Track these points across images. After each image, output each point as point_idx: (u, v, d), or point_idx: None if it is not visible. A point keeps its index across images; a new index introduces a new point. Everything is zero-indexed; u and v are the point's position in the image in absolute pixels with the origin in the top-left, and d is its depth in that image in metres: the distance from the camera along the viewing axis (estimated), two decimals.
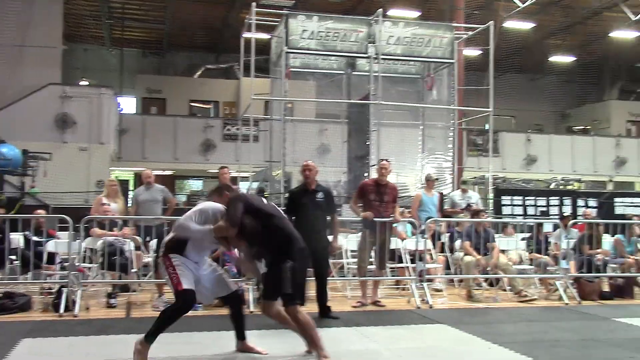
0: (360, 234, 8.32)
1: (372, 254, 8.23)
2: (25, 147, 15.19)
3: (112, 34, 24.08)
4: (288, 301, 5.16)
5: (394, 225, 8.45)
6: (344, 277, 9.07)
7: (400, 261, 8.88)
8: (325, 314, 7.15)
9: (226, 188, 5.53)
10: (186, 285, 4.97)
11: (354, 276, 8.71)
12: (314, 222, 7.13)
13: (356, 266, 8.41)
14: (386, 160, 8.33)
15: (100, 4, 20.83)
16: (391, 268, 8.91)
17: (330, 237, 7.37)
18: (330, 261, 8.58)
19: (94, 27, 23.44)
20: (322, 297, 7.22)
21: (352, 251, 9.06)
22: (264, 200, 5.65)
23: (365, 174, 12.38)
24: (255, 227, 5.09)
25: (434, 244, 9.34)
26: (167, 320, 4.97)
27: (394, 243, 8.70)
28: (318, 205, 7.19)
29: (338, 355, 5.53)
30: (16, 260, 8.02)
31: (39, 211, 9.47)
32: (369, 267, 8.24)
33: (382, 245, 8.09)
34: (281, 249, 5.19)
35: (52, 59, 18.70)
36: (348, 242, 9.06)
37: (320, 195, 7.24)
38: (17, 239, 8.30)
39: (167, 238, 5.33)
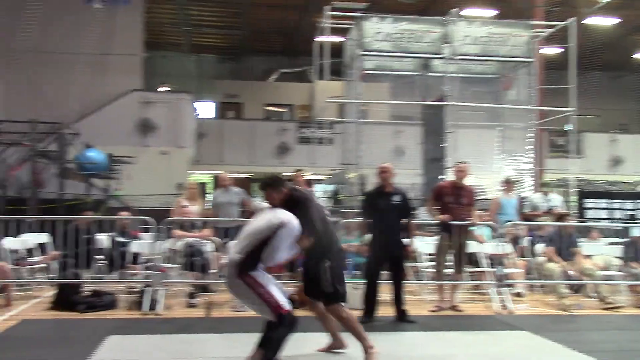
0: (436, 237, 8.19)
1: (450, 257, 8.09)
2: (110, 152, 15.81)
3: (190, 41, 24.74)
4: (330, 300, 5.22)
5: (472, 228, 8.28)
6: (420, 280, 8.96)
7: (479, 265, 8.70)
8: (401, 318, 7.09)
9: (282, 183, 5.23)
10: (287, 305, 4.78)
11: (431, 280, 8.59)
12: (390, 225, 7.10)
13: (433, 270, 8.29)
14: (464, 162, 8.17)
15: (179, 12, 21.46)
16: (469, 272, 8.74)
17: (406, 240, 7.30)
18: (407, 264, 8.49)
19: (173, 35, 24.19)
20: (398, 300, 7.16)
21: (428, 254, 8.94)
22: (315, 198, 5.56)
23: (441, 177, 12.20)
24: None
25: (514, 248, 9.09)
26: (278, 345, 4.77)
27: (472, 247, 8.53)
28: (394, 207, 7.13)
29: (416, 359, 5.47)
30: (103, 260, 8.37)
31: (123, 213, 9.81)
32: (446, 270, 8.11)
33: (460, 249, 7.94)
34: (319, 249, 5.17)
35: (133, 66, 19.40)
36: (424, 245, 8.95)
37: (396, 197, 7.18)
38: (103, 239, 8.63)
39: (236, 258, 4.79)
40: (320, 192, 14.23)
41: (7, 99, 17.32)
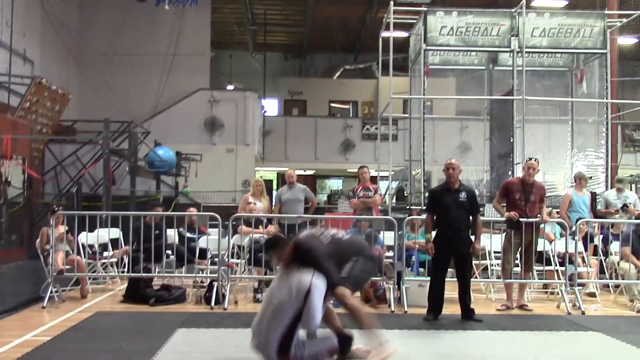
0: (504, 234, 8.01)
1: (518, 255, 7.90)
2: (179, 149, 16.21)
3: (256, 40, 25.08)
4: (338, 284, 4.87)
5: (541, 225, 8.05)
6: (487, 279, 8.79)
7: (549, 264, 8.46)
8: (468, 316, 6.98)
9: (282, 242, 5.04)
10: (334, 341, 4.82)
11: (498, 278, 8.41)
12: (456, 222, 6.99)
13: (500, 268, 8.11)
14: (534, 159, 7.93)
15: (244, 11, 21.78)
16: (538, 271, 8.52)
17: (472, 238, 7.17)
18: (474, 262, 8.36)
19: (239, 34, 24.59)
20: (464, 298, 7.05)
21: (495, 252, 8.76)
22: (316, 233, 5.23)
23: (509, 172, 11.93)
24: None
25: (585, 247, 8.79)
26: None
27: (541, 245, 8.30)
28: (461, 205, 7.02)
29: (483, 358, 5.36)
30: (172, 255, 8.59)
31: (191, 209, 10.02)
32: (515, 269, 7.92)
33: (529, 247, 7.74)
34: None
35: (201, 66, 19.86)
36: (492, 243, 8.77)
37: (463, 195, 7.06)
38: (172, 235, 8.85)
39: (271, 345, 4.61)
40: (384, 189, 14.15)
41: (81, 99, 18.03)
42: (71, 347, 5.54)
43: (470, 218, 7.14)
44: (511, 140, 12.24)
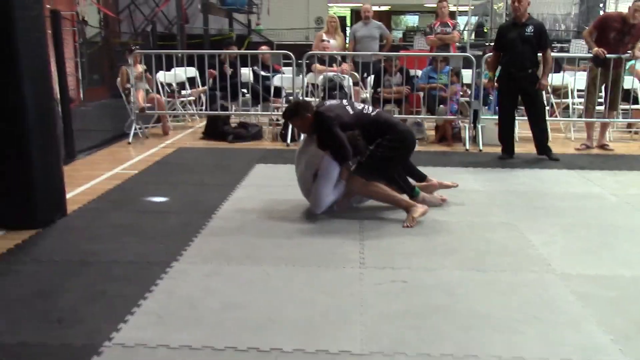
0: (589, 71, 7.60)
1: (602, 93, 7.54)
2: None
3: None
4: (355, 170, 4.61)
5: (631, 62, 7.58)
6: (568, 117, 8.52)
7: (636, 102, 8.08)
8: (544, 154, 6.86)
9: (303, 109, 4.64)
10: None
11: (579, 117, 8.13)
12: (520, 58, 6.65)
13: (583, 107, 7.81)
14: None
15: None
16: (623, 110, 8.16)
17: (540, 74, 6.81)
18: (554, 101, 8.11)
19: None
20: (538, 136, 6.87)
21: (578, 90, 8.40)
22: (344, 103, 4.86)
23: (601, 5, 11.09)
24: (355, 136, 4.53)
25: None
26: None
27: (629, 82, 7.87)
28: (526, 40, 6.62)
29: (559, 196, 5.34)
30: (247, 93, 8.70)
31: (264, 47, 9.96)
32: (598, 108, 7.61)
33: (615, 84, 7.35)
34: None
35: None
36: (575, 80, 8.39)
37: (530, 29, 6.64)
38: (247, 73, 8.89)
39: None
40: (463, 25, 13.53)
41: None
42: (157, 180, 5.86)
43: (539, 53, 6.76)
44: None
